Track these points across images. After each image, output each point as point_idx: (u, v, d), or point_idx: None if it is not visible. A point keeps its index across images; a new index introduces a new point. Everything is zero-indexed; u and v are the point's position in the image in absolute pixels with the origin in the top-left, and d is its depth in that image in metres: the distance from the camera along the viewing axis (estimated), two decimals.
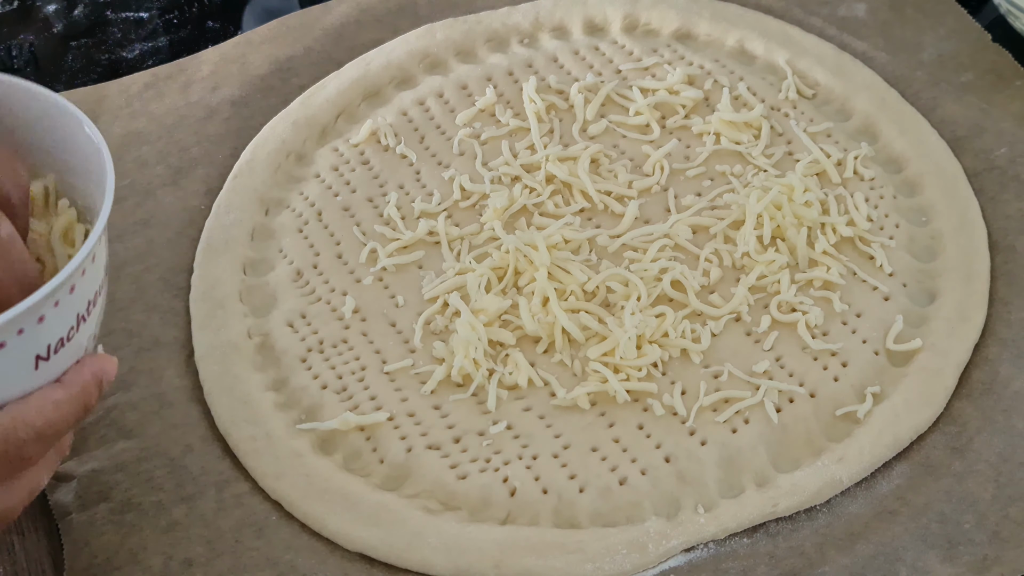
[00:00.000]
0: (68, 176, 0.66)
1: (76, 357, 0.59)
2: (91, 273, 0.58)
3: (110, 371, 0.60)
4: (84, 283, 0.57)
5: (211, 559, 0.67)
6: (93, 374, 0.59)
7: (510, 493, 0.69)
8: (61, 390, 0.57)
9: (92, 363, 0.59)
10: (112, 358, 0.61)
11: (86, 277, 0.57)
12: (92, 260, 0.58)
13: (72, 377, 0.58)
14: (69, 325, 0.57)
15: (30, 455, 0.56)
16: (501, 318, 0.76)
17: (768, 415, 0.72)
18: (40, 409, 0.56)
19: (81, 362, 0.59)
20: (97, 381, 0.59)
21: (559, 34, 0.96)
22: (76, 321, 0.57)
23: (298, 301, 0.79)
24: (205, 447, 0.72)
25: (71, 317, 0.57)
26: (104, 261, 0.60)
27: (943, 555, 0.66)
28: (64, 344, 0.57)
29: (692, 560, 0.67)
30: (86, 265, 0.57)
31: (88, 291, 0.58)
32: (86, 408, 0.59)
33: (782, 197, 0.80)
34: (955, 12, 0.96)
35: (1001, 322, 0.77)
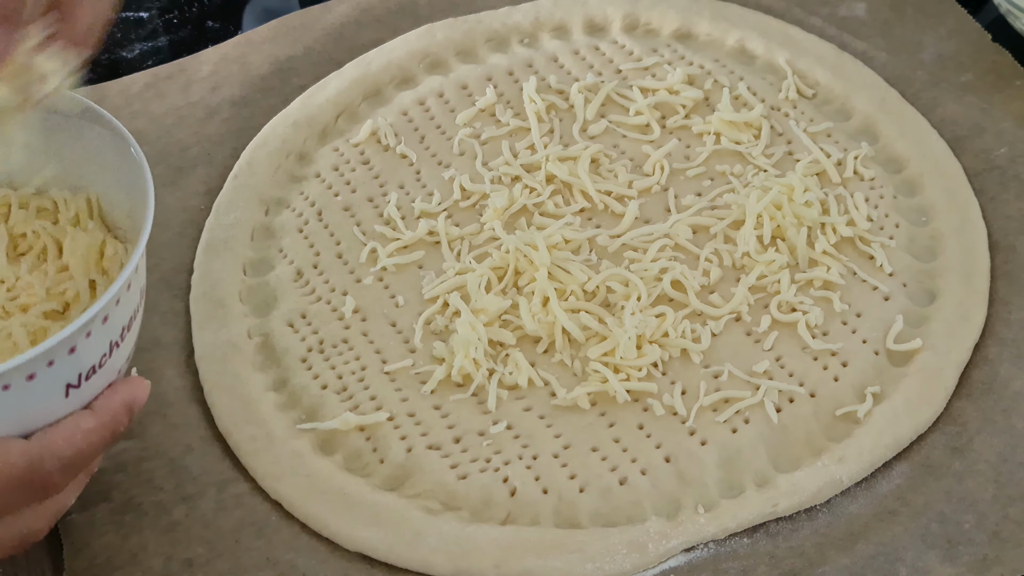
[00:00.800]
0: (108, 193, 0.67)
1: (108, 381, 0.59)
2: (126, 301, 0.58)
3: (142, 396, 0.60)
4: (118, 311, 0.57)
5: (211, 559, 0.67)
6: (123, 401, 0.59)
7: (510, 493, 0.69)
8: (91, 418, 0.57)
9: (124, 389, 0.59)
10: (145, 382, 0.61)
11: (120, 305, 0.57)
12: (127, 288, 0.57)
13: (103, 403, 0.58)
14: (102, 353, 0.57)
15: (56, 483, 0.56)
16: (501, 318, 0.76)
17: (768, 415, 0.72)
18: (69, 439, 0.56)
19: (113, 387, 0.59)
20: (128, 407, 0.59)
21: (559, 34, 0.96)
22: (109, 348, 0.57)
23: (298, 301, 0.79)
24: (205, 447, 0.72)
25: (104, 345, 0.57)
26: (141, 284, 0.60)
27: (943, 555, 0.66)
28: (96, 371, 0.57)
29: (692, 560, 0.67)
30: (121, 294, 0.57)
31: (123, 318, 0.58)
32: (115, 435, 0.58)
33: (782, 197, 0.80)
34: (955, 12, 0.96)
35: (1001, 322, 0.77)
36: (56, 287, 0.66)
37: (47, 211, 0.69)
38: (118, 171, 0.64)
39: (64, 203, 0.69)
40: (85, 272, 0.66)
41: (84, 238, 0.67)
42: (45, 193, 0.70)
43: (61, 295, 0.66)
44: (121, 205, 0.67)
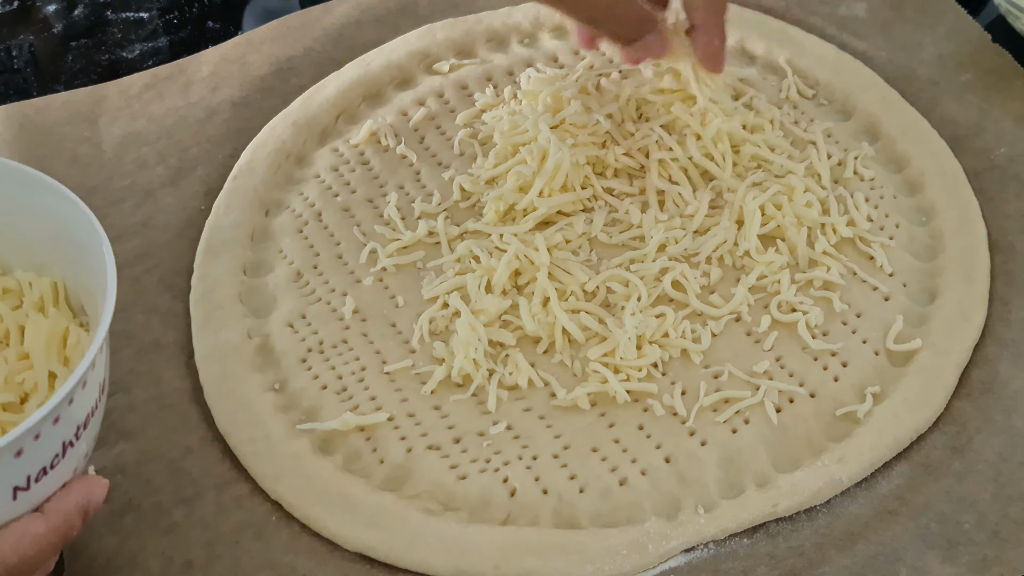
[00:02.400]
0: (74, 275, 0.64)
1: (62, 481, 0.56)
2: (81, 399, 0.55)
3: (98, 497, 0.57)
4: (72, 411, 0.54)
5: (211, 561, 0.67)
6: (77, 503, 0.56)
7: (510, 494, 0.69)
8: (41, 522, 0.54)
9: (79, 490, 0.56)
10: (102, 481, 0.58)
11: (74, 405, 0.54)
12: (83, 387, 0.54)
13: (54, 506, 0.55)
14: (53, 454, 0.54)
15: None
16: (501, 318, 0.76)
17: (768, 415, 0.72)
18: (15, 545, 0.53)
19: (67, 488, 0.56)
20: (81, 509, 0.56)
21: (559, 34, 0.96)
22: (62, 449, 0.54)
23: (298, 302, 0.79)
24: (205, 448, 0.72)
25: (56, 446, 0.54)
26: (100, 380, 0.57)
27: (943, 555, 0.66)
28: (47, 472, 0.54)
29: (692, 560, 0.67)
30: (75, 394, 0.54)
31: (78, 417, 0.55)
32: (67, 538, 0.56)
33: (782, 197, 0.80)
34: (955, 12, 0.96)
35: (1001, 322, 0.77)
36: (15, 376, 0.62)
37: (12, 292, 0.66)
38: (84, 250, 0.61)
39: (29, 286, 0.66)
40: (45, 362, 0.62)
41: (46, 324, 0.63)
42: (10, 273, 0.67)
43: (20, 385, 0.62)
44: (86, 284, 0.64)
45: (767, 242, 0.80)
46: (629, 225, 0.81)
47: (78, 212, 0.62)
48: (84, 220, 0.61)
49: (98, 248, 0.60)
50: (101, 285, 0.59)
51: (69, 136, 0.89)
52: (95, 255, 0.60)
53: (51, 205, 0.63)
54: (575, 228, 0.80)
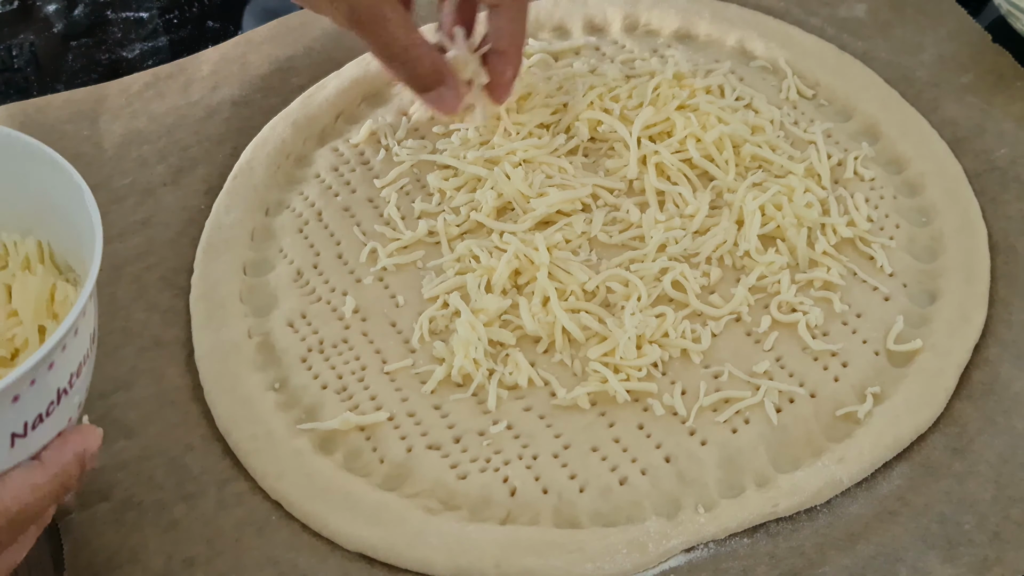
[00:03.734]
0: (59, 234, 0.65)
1: (58, 429, 0.56)
2: (73, 346, 0.56)
3: (93, 446, 0.58)
4: (65, 357, 0.55)
5: (212, 558, 0.67)
6: (74, 451, 0.57)
7: (510, 493, 0.69)
8: (39, 471, 0.55)
9: (75, 439, 0.57)
10: (96, 430, 0.59)
11: (67, 351, 0.55)
12: (75, 334, 0.55)
13: (52, 455, 0.56)
14: (48, 401, 0.55)
15: (2, 540, 0.54)
16: (501, 318, 0.76)
17: (768, 415, 0.72)
18: (16, 494, 0.54)
19: (63, 437, 0.57)
20: (79, 458, 0.57)
21: (559, 34, 0.96)
22: (56, 395, 0.55)
23: (298, 301, 0.79)
24: (206, 446, 0.72)
25: (51, 393, 0.55)
26: (90, 329, 0.58)
27: (943, 556, 0.66)
28: (43, 419, 0.55)
29: (692, 560, 0.67)
30: (67, 340, 0.55)
31: (70, 364, 0.56)
32: (65, 488, 0.56)
33: (782, 197, 0.80)
34: (955, 12, 0.96)
35: (1002, 323, 0.77)
36: (5, 333, 0.62)
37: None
38: (68, 212, 0.62)
39: (14, 246, 0.66)
40: (35, 317, 0.62)
41: (33, 282, 0.63)
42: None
43: (10, 341, 0.62)
44: (73, 247, 0.64)
45: (767, 242, 0.80)
46: (629, 225, 0.81)
47: (58, 170, 0.62)
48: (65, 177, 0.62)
49: (81, 203, 0.60)
50: (88, 240, 0.59)
51: (70, 135, 0.89)
52: (79, 211, 0.60)
53: (33, 167, 0.63)
54: (575, 228, 0.80)
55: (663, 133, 0.84)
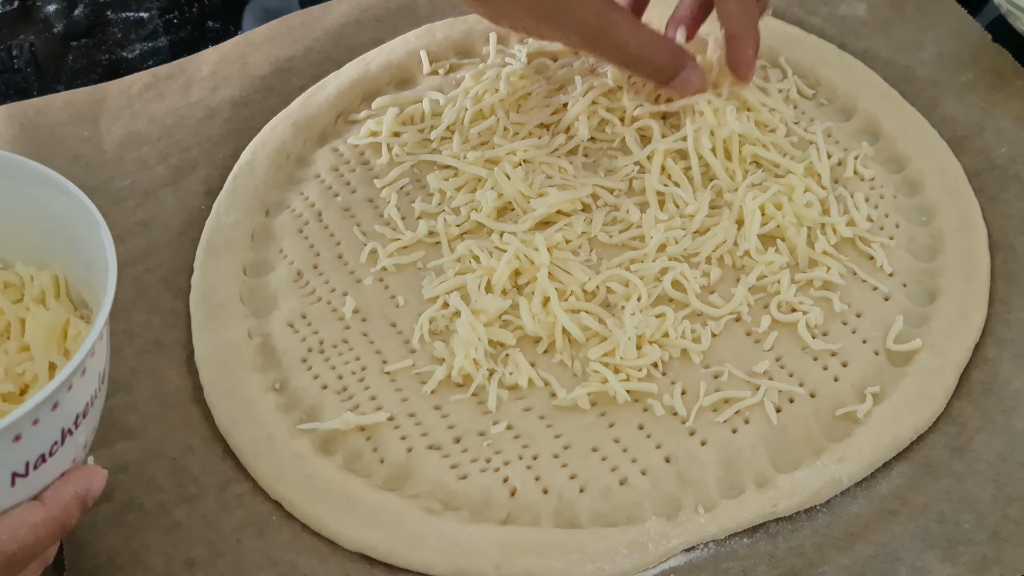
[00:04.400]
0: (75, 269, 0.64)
1: (61, 470, 0.56)
2: (80, 386, 0.55)
3: (96, 488, 0.57)
4: (70, 398, 0.54)
5: (213, 559, 0.67)
6: (76, 493, 0.56)
7: (510, 493, 0.69)
8: (39, 511, 0.55)
9: (77, 480, 0.57)
10: (101, 472, 0.58)
11: (74, 391, 0.54)
12: (82, 374, 0.55)
13: (53, 495, 0.55)
14: (52, 441, 0.54)
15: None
16: (501, 318, 0.76)
17: (768, 415, 0.72)
18: (14, 533, 0.53)
19: (65, 477, 0.56)
20: (80, 500, 0.56)
21: None
22: (61, 436, 0.55)
23: (298, 302, 0.79)
24: (206, 448, 0.73)
25: (55, 433, 0.54)
26: (100, 368, 0.58)
27: (943, 555, 0.66)
28: (46, 459, 0.54)
29: (692, 560, 0.67)
30: (74, 380, 0.54)
31: (77, 405, 0.55)
32: (65, 528, 0.56)
33: (782, 197, 0.80)
34: (955, 12, 0.96)
35: (1001, 322, 0.77)
36: (15, 367, 0.62)
37: (13, 286, 0.66)
38: (85, 246, 0.62)
39: (31, 280, 0.66)
40: (45, 353, 0.62)
41: (46, 317, 0.63)
42: (11, 267, 0.67)
43: (20, 376, 0.62)
44: (87, 281, 0.64)
45: (767, 242, 0.80)
46: (629, 225, 0.81)
47: (77, 204, 0.62)
48: (84, 212, 0.61)
49: (98, 238, 0.60)
50: (101, 276, 0.59)
51: (70, 136, 0.89)
52: (95, 246, 0.60)
53: (50, 198, 0.63)
54: (575, 228, 0.80)
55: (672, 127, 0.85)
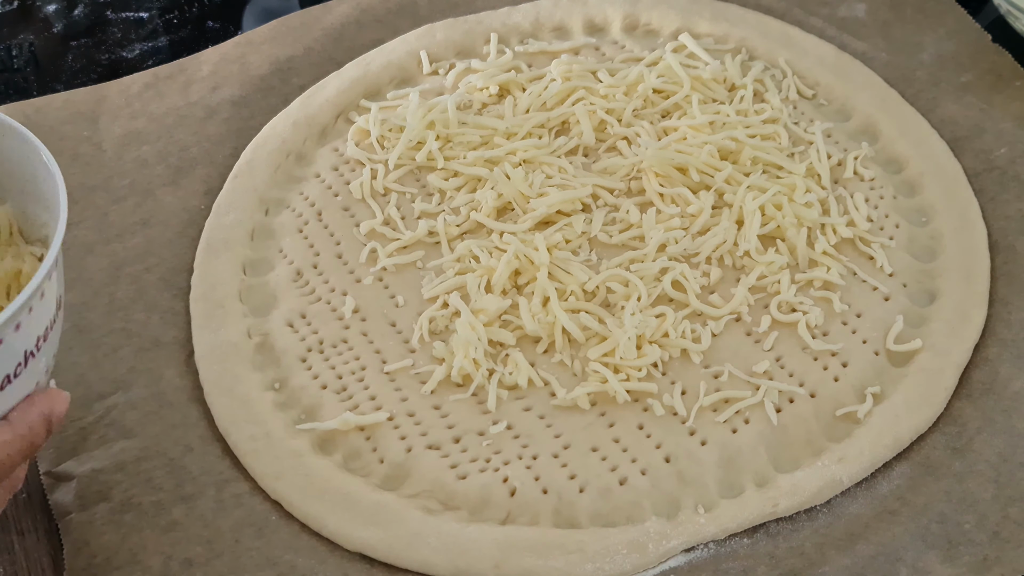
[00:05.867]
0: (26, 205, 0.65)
1: (25, 392, 0.57)
2: (40, 308, 0.56)
3: (60, 409, 0.59)
4: (32, 319, 0.56)
5: (211, 559, 0.67)
6: (41, 413, 0.57)
7: (510, 493, 0.69)
8: (7, 429, 0.56)
9: (42, 401, 0.58)
10: (64, 394, 0.59)
11: (34, 313, 0.56)
12: (40, 296, 0.56)
13: (19, 415, 0.57)
14: (15, 362, 0.56)
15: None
16: (501, 318, 0.76)
17: (768, 415, 0.72)
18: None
19: (31, 399, 0.57)
20: (45, 420, 0.58)
21: (559, 34, 0.96)
22: (24, 357, 0.56)
23: (298, 301, 0.79)
24: (205, 447, 0.72)
25: (18, 354, 0.56)
26: (56, 294, 0.59)
27: (943, 555, 0.66)
28: (10, 380, 0.56)
29: (692, 560, 0.67)
30: (33, 302, 0.55)
31: (37, 327, 0.57)
32: (33, 447, 0.57)
33: (782, 197, 0.80)
34: (955, 12, 0.96)
35: (1001, 322, 0.77)
36: None
37: None
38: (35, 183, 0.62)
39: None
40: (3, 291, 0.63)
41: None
42: None
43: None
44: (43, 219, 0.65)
45: (767, 242, 0.80)
46: (629, 225, 0.81)
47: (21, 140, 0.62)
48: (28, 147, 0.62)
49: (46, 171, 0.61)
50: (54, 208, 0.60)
51: (70, 135, 0.89)
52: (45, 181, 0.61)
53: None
54: (575, 228, 0.80)
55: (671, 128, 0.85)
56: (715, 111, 0.86)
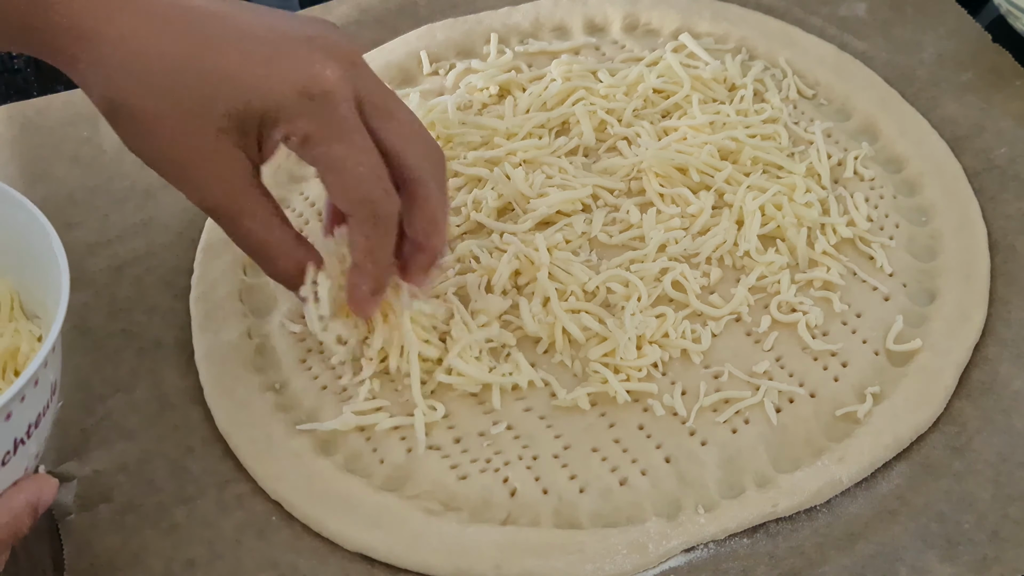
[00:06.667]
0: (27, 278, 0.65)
1: (13, 479, 0.57)
2: (33, 397, 0.56)
3: (47, 496, 0.58)
4: (24, 408, 0.55)
5: (212, 560, 0.67)
6: (27, 501, 0.57)
7: (510, 494, 0.69)
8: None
9: (29, 488, 0.57)
10: (52, 480, 0.59)
11: (26, 402, 0.55)
12: (34, 385, 0.56)
13: (4, 503, 0.56)
14: (4, 450, 0.55)
15: None
16: (501, 318, 0.76)
17: (768, 415, 0.72)
18: None
19: (18, 485, 0.57)
20: (32, 508, 0.57)
21: (559, 34, 0.96)
22: (13, 446, 0.56)
23: (298, 301, 0.79)
24: (206, 448, 0.72)
25: (6, 443, 0.55)
26: (52, 379, 0.58)
27: (943, 555, 0.66)
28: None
29: (692, 560, 0.67)
30: (27, 391, 0.55)
31: (29, 415, 0.56)
32: (16, 536, 0.57)
33: (782, 197, 0.80)
34: (955, 12, 0.96)
35: (1001, 322, 0.77)
36: None
37: None
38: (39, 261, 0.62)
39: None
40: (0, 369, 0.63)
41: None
42: None
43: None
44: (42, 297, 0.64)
45: (767, 242, 0.80)
46: (629, 225, 0.81)
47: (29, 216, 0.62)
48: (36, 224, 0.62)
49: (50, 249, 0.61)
50: (56, 290, 0.59)
51: (70, 136, 0.89)
52: (49, 260, 0.61)
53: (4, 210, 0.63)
54: (575, 228, 0.80)
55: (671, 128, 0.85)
56: (715, 111, 0.86)
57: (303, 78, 0.64)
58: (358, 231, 0.67)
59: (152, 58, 0.63)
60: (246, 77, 0.64)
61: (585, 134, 0.85)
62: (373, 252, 0.68)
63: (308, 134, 0.64)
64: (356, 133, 0.65)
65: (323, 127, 0.64)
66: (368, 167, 0.65)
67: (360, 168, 0.65)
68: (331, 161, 0.65)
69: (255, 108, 0.64)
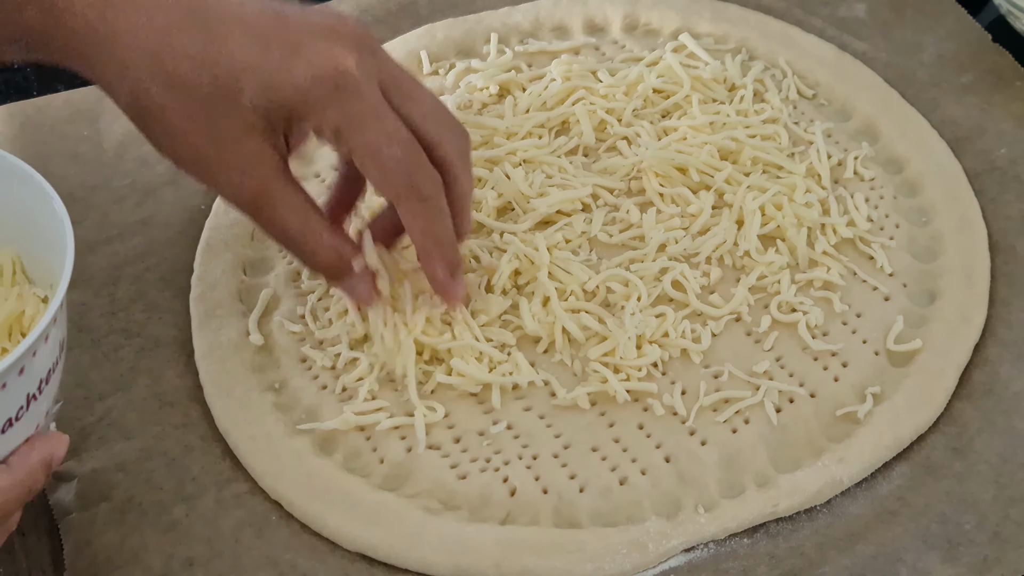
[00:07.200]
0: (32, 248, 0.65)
1: (26, 435, 0.58)
2: (43, 353, 0.57)
3: (59, 453, 0.59)
4: (35, 363, 0.56)
5: (211, 558, 0.67)
6: (41, 458, 0.57)
7: (510, 493, 0.69)
8: (6, 474, 0.56)
9: (42, 445, 0.58)
10: (63, 437, 0.59)
11: (37, 358, 0.56)
12: (45, 340, 0.56)
13: (19, 460, 0.57)
14: (18, 406, 0.56)
15: None
16: (501, 318, 0.76)
17: (768, 415, 0.72)
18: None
19: (30, 443, 0.57)
20: (45, 464, 0.58)
21: (559, 34, 0.96)
22: (26, 401, 0.56)
23: (298, 301, 0.79)
24: (205, 447, 0.72)
25: (20, 398, 0.56)
26: (60, 337, 0.59)
27: (943, 556, 0.66)
28: (12, 424, 0.56)
29: (692, 560, 0.67)
30: (37, 346, 0.56)
31: (40, 370, 0.57)
32: (31, 492, 0.57)
33: (782, 197, 0.80)
34: (955, 12, 0.96)
35: (1001, 323, 0.77)
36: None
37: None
38: (42, 223, 0.62)
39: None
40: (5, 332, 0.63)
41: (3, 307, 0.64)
42: None
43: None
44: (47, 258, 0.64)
45: (767, 242, 0.80)
46: (629, 225, 0.81)
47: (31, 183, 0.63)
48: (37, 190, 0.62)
49: (52, 213, 0.61)
50: (60, 251, 0.60)
51: (70, 135, 0.89)
52: (52, 221, 0.61)
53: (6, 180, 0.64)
54: (575, 228, 0.80)
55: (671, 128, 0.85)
56: (715, 111, 0.86)
57: (326, 68, 0.64)
58: (409, 216, 0.67)
59: (170, 55, 0.63)
60: (268, 68, 0.64)
61: (585, 134, 0.85)
62: (432, 232, 0.68)
63: (339, 124, 0.65)
64: (386, 117, 0.65)
65: (353, 115, 0.64)
66: (404, 149, 0.65)
67: (396, 150, 0.65)
68: (367, 148, 0.65)
69: (280, 100, 0.64)
